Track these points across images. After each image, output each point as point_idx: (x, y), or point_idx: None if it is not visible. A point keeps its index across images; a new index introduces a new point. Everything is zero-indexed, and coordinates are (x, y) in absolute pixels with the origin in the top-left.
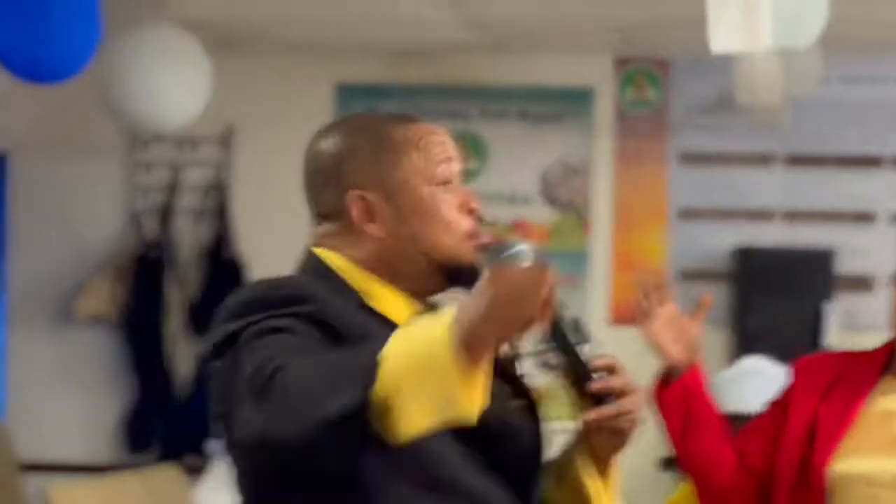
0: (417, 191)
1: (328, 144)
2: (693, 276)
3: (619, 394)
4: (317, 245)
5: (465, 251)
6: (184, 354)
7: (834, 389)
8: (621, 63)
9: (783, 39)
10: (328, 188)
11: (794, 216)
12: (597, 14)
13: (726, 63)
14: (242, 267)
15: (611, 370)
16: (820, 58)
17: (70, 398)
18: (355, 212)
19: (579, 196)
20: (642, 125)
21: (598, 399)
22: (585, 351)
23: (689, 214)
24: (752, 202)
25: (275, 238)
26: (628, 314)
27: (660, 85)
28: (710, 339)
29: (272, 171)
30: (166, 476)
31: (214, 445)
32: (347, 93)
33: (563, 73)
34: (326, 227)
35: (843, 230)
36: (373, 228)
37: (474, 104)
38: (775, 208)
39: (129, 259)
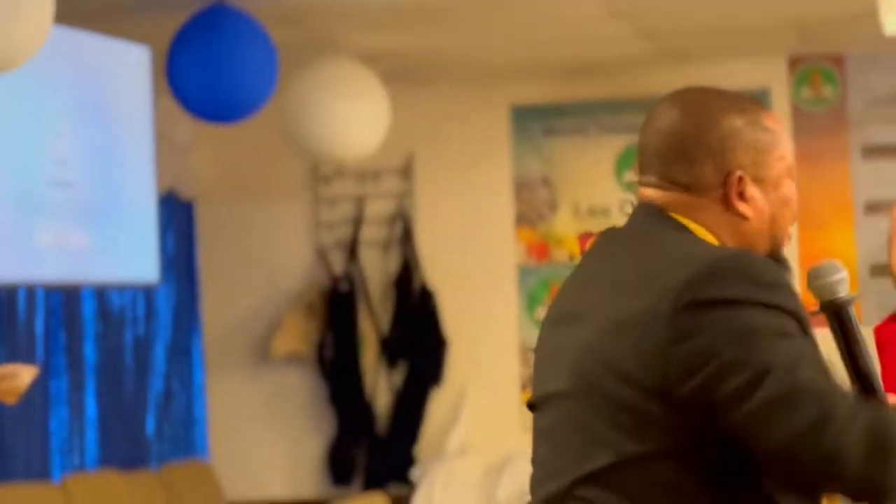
0: (785, 184)
1: (703, 118)
2: (885, 270)
3: None
4: (661, 209)
5: (784, 242)
6: (381, 385)
7: None
8: (795, 62)
9: None
10: (707, 163)
11: None
12: (768, 14)
13: None
14: (431, 295)
15: None
16: None
17: (272, 436)
18: (734, 190)
19: None
20: (820, 122)
21: None
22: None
23: (875, 208)
24: None
25: (460, 265)
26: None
27: (835, 81)
28: None
29: (453, 198)
30: None
31: (418, 475)
32: (523, 114)
33: (738, 77)
34: (683, 196)
35: None
36: (743, 207)
37: None
38: None
39: (319, 295)
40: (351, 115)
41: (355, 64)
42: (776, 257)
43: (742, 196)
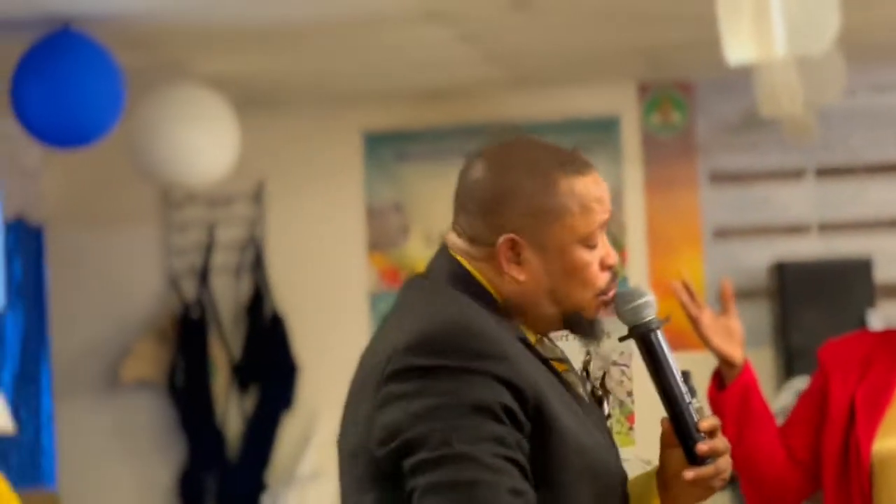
0: (570, 253)
1: (492, 174)
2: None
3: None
4: (452, 254)
5: (592, 306)
6: (232, 411)
7: (868, 370)
8: (644, 89)
9: (797, 46)
10: (482, 219)
11: (829, 227)
12: (617, 40)
13: (749, 81)
14: (282, 321)
15: (713, 433)
16: (842, 66)
17: (121, 463)
18: (504, 254)
19: (613, 223)
20: (670, 148)
21: (691, 453)
22: (694, 407)
23: (723, 233)
24: (786, 217)
25: (312, 290)
26: (670, 338)
27: (684, 108)
28: (755, 359)
29: (305, 224)
30: None
31: (268, 501)
32: (375, 140)
33: (588, 103)
34: (470, 247)
35: (880, 238)
36: (514, 271)
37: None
38: (810, 221)
39: (170, 321)
40: (200, 141)
41: (204, 89)
42: (577, 322)
43: (517, 259)
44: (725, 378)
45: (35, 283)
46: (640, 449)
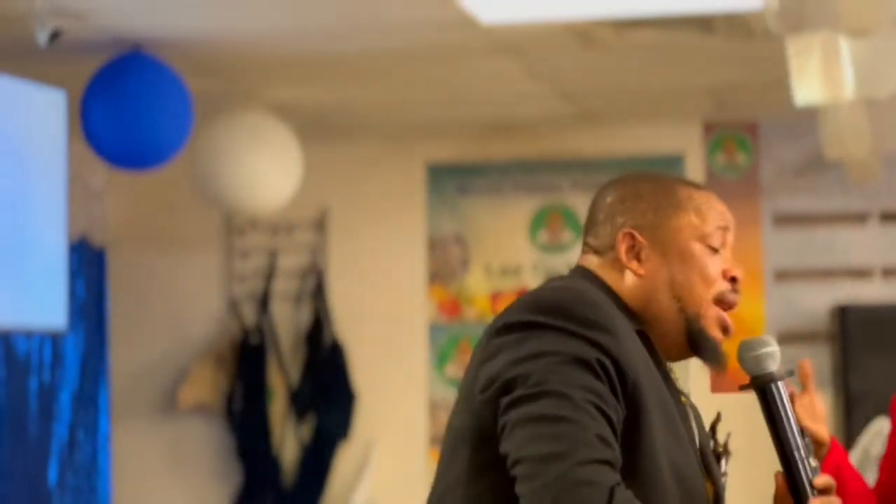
0: (686, 242)
1: (617, 189)
2: (792, 338)
3: None
4: (584, 269)
5: (711, 315)
6: (288, 438)
7: None
8: (709, 128)
9: (865, 88)
10: (606, 224)
11: (892, 272)
12: (684, 79)
13: (814, 122)
14: (341, 350)
15: (827, 491)
16: None
17: (177, 488)
18: (623, 247)
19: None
20: (734, 189)
21: None
22: (810, 464)
23: (785, 276)
24: (848, 260)
25: (371, 319)
26: (729, 381)
27: (749, 148)
28: None
29: (367, 253)
30: None
31: None
32: (438, 172)
33: (653, 141)
34: (594, 259)
35: None
36: (634, 266)
37: (565, 177)
38: (873, 265)
39: (229, 346)
40: (264, 168)
41: (269, 116)
42: (700, 337)
43: (637, 255)
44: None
45: (96, 305)
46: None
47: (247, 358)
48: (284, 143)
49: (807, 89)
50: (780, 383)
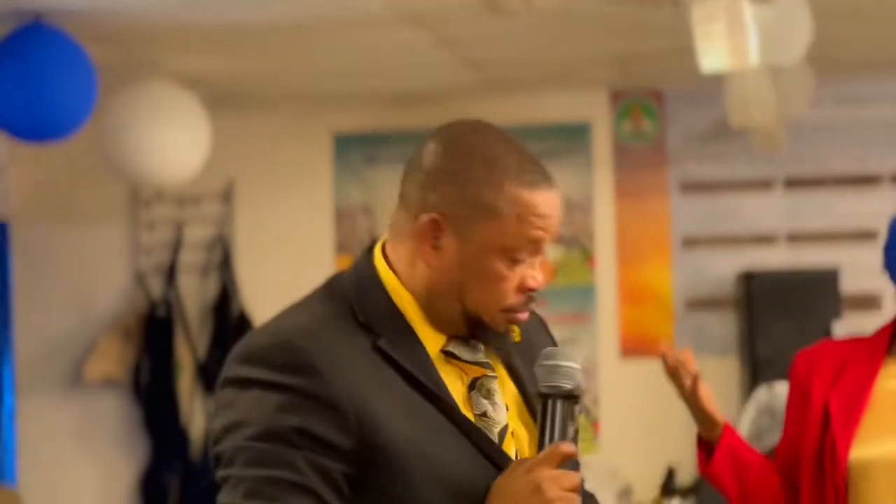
0: (488, 258)
1: (446, 152)
2: (699, 304)
3: None
4: (389, 232)
5: (497, 320)
6: (196, 411)
7: (841, 376)
8: (616, 96)
9: (770, 56)
10: (419, 190)
11: (796, 238)
12: (589, 48)
13: (719, 90)
14: (249, 321)
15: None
16: (811, 78)
17: (84, 462)
18: (423, 232)
19: (583, 231)
20: (641, 156)
21: None
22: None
23: (692, 243)
24: (754, 227)
25: (279, 291)
26: (637, 346)
27: (655, 116)
28: (721, 368)
29: (274, 224)
30: None
31: None
32: (345, 142)
33: (560, 109)
34: (403, 220)
35: (847, 249)
36: (428, 254)
37: None
38: (778, 232)
39: (136, 319)
40: (170, 139)
41: (176, 87)
42: (481, 329)
43: (435, 242)
44: (710, 441)
45: None
46: (604, 455)
47: (154, 331)
48: (191, 113)
49: (712, 57)
50: (560, 402)
